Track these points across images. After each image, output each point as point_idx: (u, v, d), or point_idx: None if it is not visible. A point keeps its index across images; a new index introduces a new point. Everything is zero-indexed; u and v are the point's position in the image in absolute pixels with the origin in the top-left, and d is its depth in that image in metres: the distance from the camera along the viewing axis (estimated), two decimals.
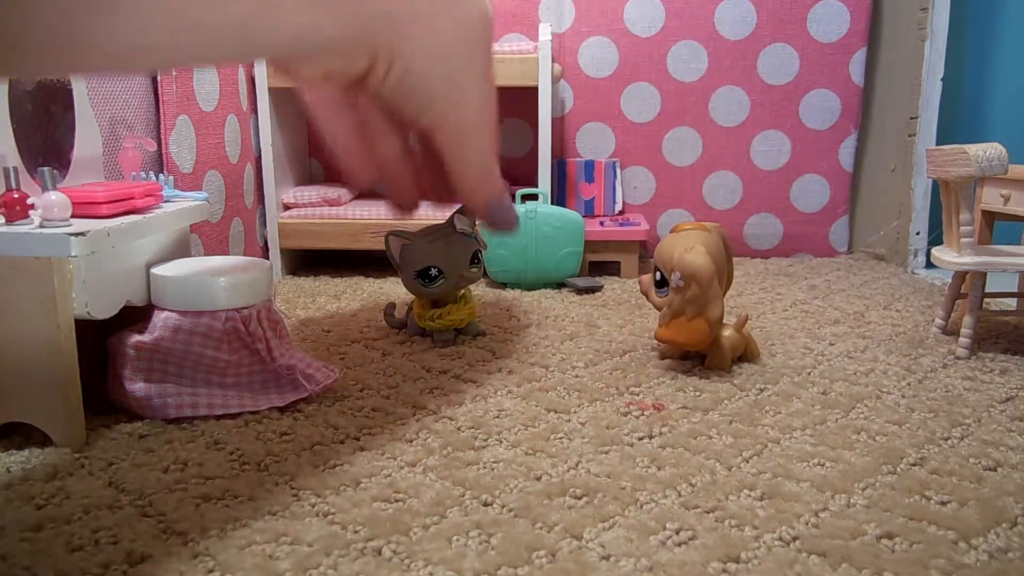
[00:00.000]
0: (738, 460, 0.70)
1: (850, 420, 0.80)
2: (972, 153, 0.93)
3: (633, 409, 0.82)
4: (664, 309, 0.93)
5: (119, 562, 0.54)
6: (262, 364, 0.83)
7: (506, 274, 1.42)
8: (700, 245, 0.90)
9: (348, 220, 1.52)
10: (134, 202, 0.82)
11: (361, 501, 0.62)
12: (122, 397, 0.80)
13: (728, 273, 0.99)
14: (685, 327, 0.90)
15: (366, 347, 1.06)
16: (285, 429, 0.77)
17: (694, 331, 0.90)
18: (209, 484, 0.66)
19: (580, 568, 0.53)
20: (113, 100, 1.06)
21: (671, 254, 0.91)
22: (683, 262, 0.88)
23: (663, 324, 0.93)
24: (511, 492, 0.64)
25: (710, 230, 0.95)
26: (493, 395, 0.87)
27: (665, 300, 0.93)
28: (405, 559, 0.54)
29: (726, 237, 0.99)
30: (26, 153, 0.80)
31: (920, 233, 1.61)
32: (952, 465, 0.69)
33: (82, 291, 0.71)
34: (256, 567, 0.53)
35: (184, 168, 1.20)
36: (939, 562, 0.54)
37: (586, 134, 1.77)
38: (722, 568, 0.53)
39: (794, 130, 1.75)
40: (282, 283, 1.50)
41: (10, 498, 0.63)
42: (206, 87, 1.28)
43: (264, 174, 1.52)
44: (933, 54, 1.54)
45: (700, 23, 1.70)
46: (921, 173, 1.59)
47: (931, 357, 1.01)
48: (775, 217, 1.79)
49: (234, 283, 0.80)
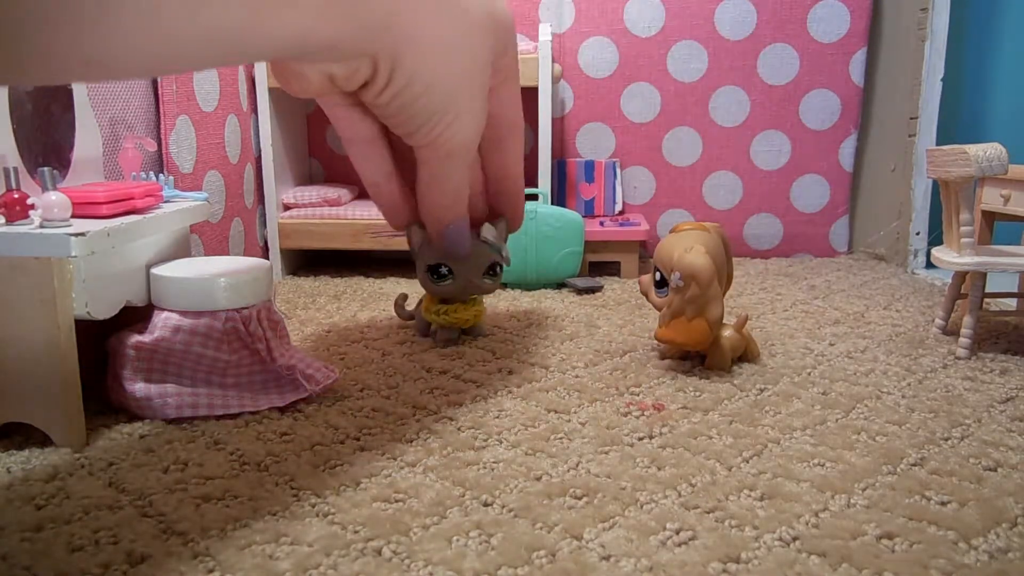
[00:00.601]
0: (738, 460, 0.70)
1: (850, 420, 0.80)
2: (972, 153, 0.93)
3: (633, 409, 0.82)
4: (664, 309, 0.93)
5: (119, 562, 0.54)
6: (262, 364, 0.83)
7: (506, 274, 1.42)
8: (700, 245, 0.90)
9: (348, 220, 1.52)
10: (134, 202, 0.82)
11: (361, 501, 0.62)
12: (122, 397, 0.80)
13: (728, 273, 0.99)
14: (685, 327, 0.90)
15: (366, 347, 1.06)
16: (285, 429, 0.77)
17: (694, 331, 0.89)
18: (209, 484, 0.66)
19: (580, 568, 0.53)
20: (113, 100, 1.06)
21: (671, 254, 0.91)
22: (683, 262, 0.88)
23: (663, 324, 0.93)
24: (511, 492, 0.64)
25: (710, 230, 0.95)
26: (493, 395, 0.87)
27: (665, 300, 0.93)
28: (405, 559, 0.54)
29: (726, 237, 0.99)
30: (26, 153, 0.80)
31: (920, 233, 1.61)
32: (952, 465, 0.69)
33: (82, 291, 0.71)
34: (256, 567, 0.53)
35: (184, 168, 1.20)
36: (939, 562, 0.54)
37: (586, 134, 1.77)
38: (722, 568, 0.53)
39: (794, 130, 1.75)
40: (282, 283, 1.50)
41: (10, 498, 0.63)
42: (206, 87, 1.28)
43: (264, 174, 1.52)
44: (933, 54, 1.54)
45: (700, 23, 1.70)
46: (921, 173, 1.59)
47: (931, 357, 1.01)
48: (775, 217, 1.79)
49: (234, 283, 0.80)
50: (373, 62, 0.40)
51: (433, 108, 0.44)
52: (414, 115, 0.43)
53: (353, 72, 0.40)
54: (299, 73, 0.42)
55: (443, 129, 0.45)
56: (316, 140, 1.78)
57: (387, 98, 0.42)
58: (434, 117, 0.44)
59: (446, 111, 0.44)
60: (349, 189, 1.66)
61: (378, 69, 0.40)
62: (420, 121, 0.44)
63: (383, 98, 0.42)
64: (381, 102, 0.43)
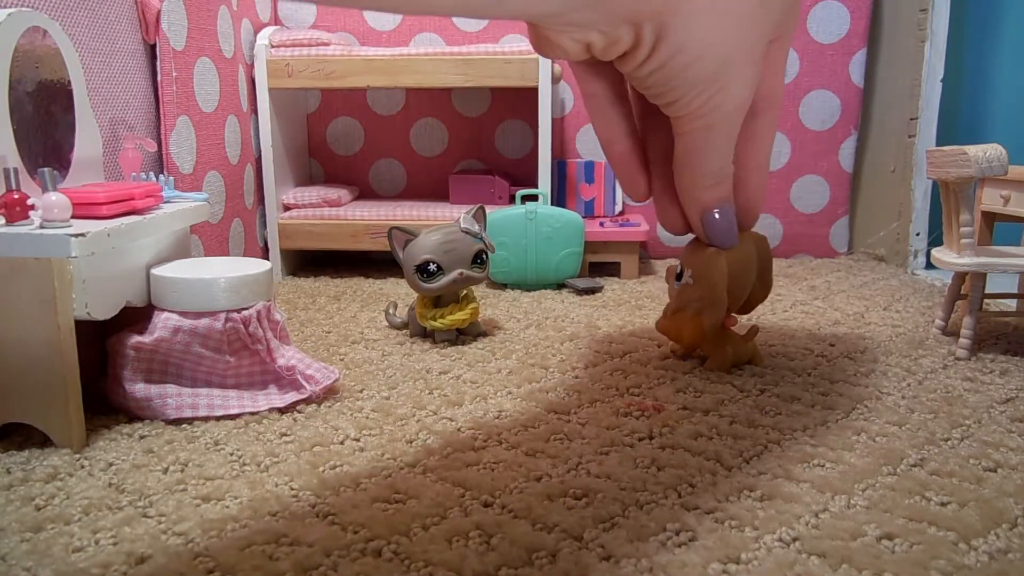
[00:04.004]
0: (738, 461, 0.70)
1: (850, 421, 0.80)
2: (972, 154, 0.93)
3: (633, 410, 0.82)
4: (670, 302, 0.94)
5: (119, 563, 0.54)
6: (262, 365, 0.83)
7: (506, 274, 1.42)
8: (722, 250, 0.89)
9: (348, 221, 1.52)
10: (134, 203, 0.82)
11: (361, 502, 0.62)
12: (122, 398, 0.80)
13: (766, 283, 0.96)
14: (682, 323, 0.92)
15: (366, 348, 1.06)
16: (285, 430, 0.77)
17: (688, 329, 0.91)
18: (209, 484, 0.66)
19: (580, 569, 0.53)
20: (113, 101, 1.06)
21: (692, 252, 0.91)
22: (696, 261, 0.89)
23: (665, 316, 0.95)
24: (511, 493, 0.64)
25: (745, 238, 0.91)
26: (493, 396, 0.87)
27: (675, 293, 0.94)
28: (405, 560, 0.54)
29: (765, 250, 0.95)
30: (26, 154, 0.80)
31: (920, 234, 1.61)
32: (952, 466, 0.69)
33: (82, 292, 0.71)
34: (256, 568, 0.53)
35: (184, 169, 1.20)
36: (939, 563, 0.54)
37: (586, 135, 1.77)
38: (722, 569, 0.53)
39: (794, 131, 1.75)
40: (282, 284, 1.50)
41: (10, 499, 0.63)
42: (206, 88, 1.28)
43: (264, 175, 1.52)
44: (933, 55, 1.54)
45: None
46: (921, 174, 1.59)
47: (931, 358, 1.01)
48: (775, 218, 1.79)
49: (234, 284, 0.80)
50: (635, 31, 0.35)
51: (700, 78, 0.37)
52: (676, 86, 0.37)
53: (613, 42, 0.35)
54: (554, 43, 0.38)
55: (707, 99, 0.39)
56: (316, 140, 1.78)
57: (649, 69, 0.36)
58: (698, 86, 0.38)
59: (715, 80, 0.38)
60: (349, 189, 1.66)
61: (641, 39, 0.35)
62: (681, 92, 0.38)
63: (644, 69, 0.36)
64: (641, 73, 0.37)
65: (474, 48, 1.48)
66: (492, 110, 1.77)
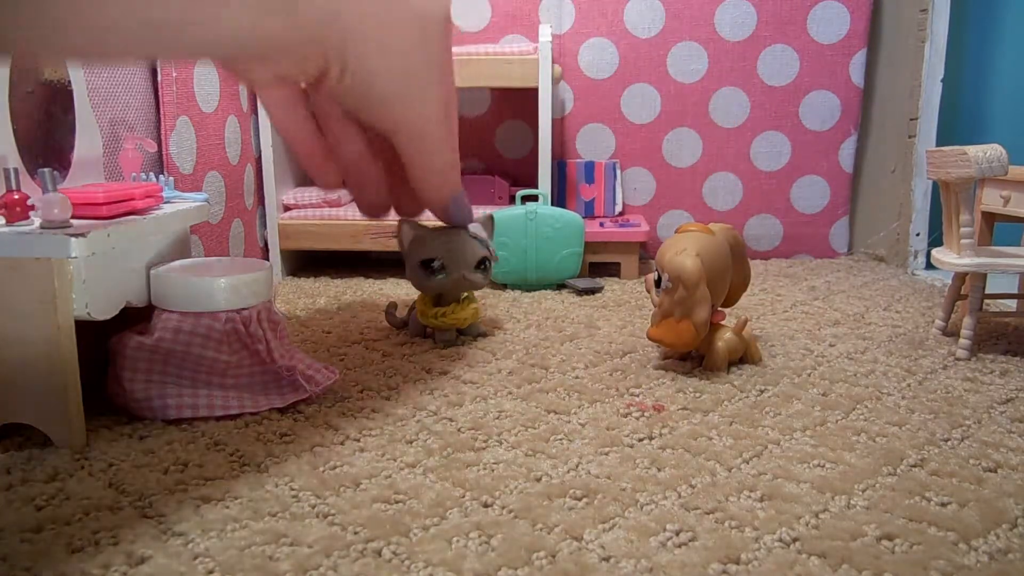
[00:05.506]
0: (738, 461, 0.70)
1: (850, 421, 0.80)
2: (972, 154, 0.93)
3: (633, 410, 0.82)
4: (656, 309, 0.94)
5: (119, 563, 0.54)
6: (262, 365, 0.83)
7: (506, 275, 1.42)
8: (692, 248, 0.90)
9: (348, 221, 1.52)
10: (134, 203, 0.82)
11: (361, 502, 0.62)
12: (122, 398, 0.80)
13: (744, 275, 0.99)
14: (673, 328, 0.91)
15: (366, 348, 1.06)
16: (285, 430, 0.77)
17: (680, 333, 0.91)
18: (209, 485, 0.66)
19: (580, 569, 0.53)
20: (113, 101, 1.06)
21: (663, 255, 0.92)
22: (671, 264, 0.89)
23: (654, 324, 0.94)
24: (511, 493, 0.64)
25: (715, 232, 0.95)
26: (493, 396, 0.87)
27: (658, 300, 0.94)
28: (405, 560, 0.54)
29: (738, 240, 0.98)
30: (26, 154, 0.80)
31: (920, 234, 1.61)
32: (952, 466, 0.69)
33: (82, 292, 0.71)
34: (256, 568, 0.53)
35: (184, 169, 1.20)
36: (939, 563, 0.54)
37: (586, 135, 1.77)
38: (722, 569, 0.53)
39: (794, 131, 1.75)
40: (282, 284, 1.50)
41: (10, 499, 0.63)
42: (206, 88, 1.28)
43: (264, 175, 1.52)
44: (933, 55, 1.54)
45: (700, 24, 1.70)
46: (921, 174, 1.59)
47: (931, 358, 1.01)
48: (775, 218, 1.79)
49: (234, 284, 0.80)
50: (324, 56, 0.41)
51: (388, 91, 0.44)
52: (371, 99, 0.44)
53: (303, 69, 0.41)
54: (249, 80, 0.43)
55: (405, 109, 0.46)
56: None
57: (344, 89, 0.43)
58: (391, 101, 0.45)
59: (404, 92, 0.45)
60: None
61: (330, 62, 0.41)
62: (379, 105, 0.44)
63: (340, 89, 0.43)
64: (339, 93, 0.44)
65: (474, 48, 1.48)
66: (492, 110, 1.78)
